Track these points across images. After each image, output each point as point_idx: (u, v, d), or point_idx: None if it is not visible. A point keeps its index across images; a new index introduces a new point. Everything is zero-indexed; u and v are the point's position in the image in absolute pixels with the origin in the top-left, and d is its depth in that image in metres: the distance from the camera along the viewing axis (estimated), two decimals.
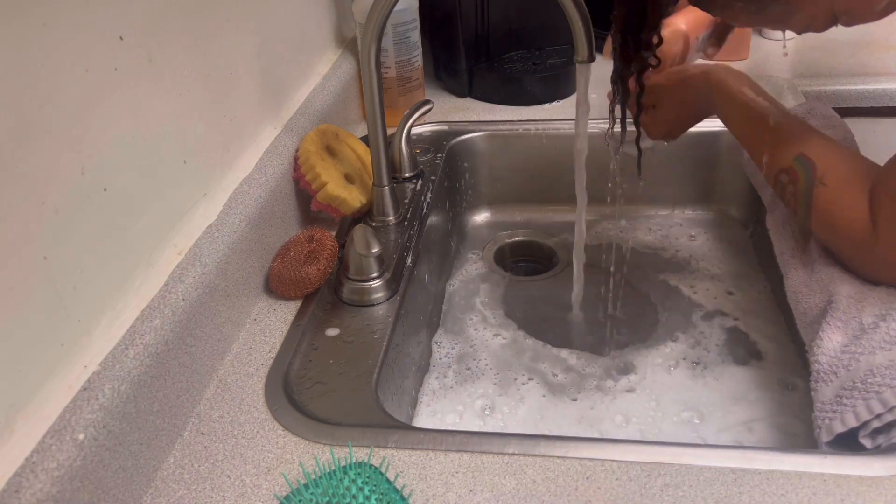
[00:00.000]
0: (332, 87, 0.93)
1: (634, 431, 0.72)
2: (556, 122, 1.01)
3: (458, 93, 1.11)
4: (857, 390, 0.55)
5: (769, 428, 0.70)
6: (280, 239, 0.76)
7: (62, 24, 0.48)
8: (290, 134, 0.81)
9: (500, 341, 0.83)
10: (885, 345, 0.56)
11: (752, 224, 0.97)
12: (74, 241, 0.50)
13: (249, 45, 0.75)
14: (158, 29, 0.59)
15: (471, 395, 0.77)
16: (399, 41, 0.99)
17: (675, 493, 0.50)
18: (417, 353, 0.78)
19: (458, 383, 0.78)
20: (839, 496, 0.49)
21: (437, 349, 0.82)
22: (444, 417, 0.75)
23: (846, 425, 0.54)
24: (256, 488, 0.53)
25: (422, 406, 0.75)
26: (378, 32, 0.70)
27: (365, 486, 0.51)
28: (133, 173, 0.56)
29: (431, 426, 0.74)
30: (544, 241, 1.01)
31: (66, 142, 0.49)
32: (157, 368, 0.54)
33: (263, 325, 0.69)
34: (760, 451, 0.53)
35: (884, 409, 0.53)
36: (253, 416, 0.59)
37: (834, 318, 0.60)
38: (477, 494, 0.51)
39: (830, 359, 0.58)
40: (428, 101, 0.90)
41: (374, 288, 0.71)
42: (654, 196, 1.02)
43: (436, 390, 0.77)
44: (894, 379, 0.54)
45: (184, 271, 0.60)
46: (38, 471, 0.44)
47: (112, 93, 0.53)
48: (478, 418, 0.75)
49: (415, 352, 0.77)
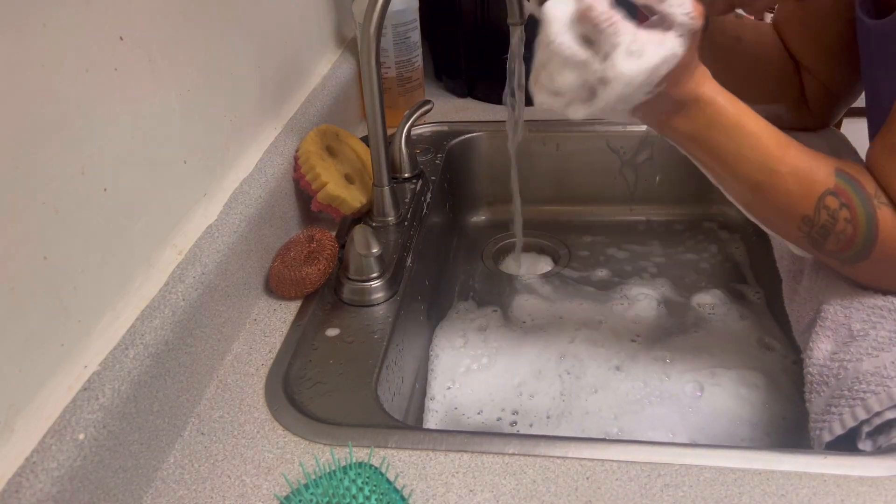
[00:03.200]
0: (332, 87, 0.93)
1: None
2: (556, 121, 1.01)
3: (458, 93, 1.11)
4: (844, 398, 0.55)
5: (731, 381, 0.75)
6: (280, 239, 0.76)
7: (62, 24, 0.48)
8: (290, 134, 0.81)
9: (501, 341, 0.83)
10: (872, 351, 0.55)
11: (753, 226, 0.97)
12: (74, 241, 0.50)
13: (249, 45, 0.75)
14: (158, 29, 0.59)
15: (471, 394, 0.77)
16: (399, 41, 0.99)
17: (675, 493, 0.50)
18: (417, 353, 0.78)
19: (458, 383, 0.79)
20: (839, 496, 0.49)
21: (438, 349, 0.82)
22: (444, 417, 0.75)
23: (833, 434, 0.54)
24: (256, 488, 0.53)
25: (422, 406, 0.75)
26: (377, 32, 0.70)
27: (365, 486, 0.51)
28: (133, 173, 0.56)
29: (432, 426, 0.74)
30: (544, 240, 1.02)
31: (66, 142, 0.49)
32: (157, 368, 0.54)
33: (263, 326, 0.69)
34: (760, 452, 0.53)
35: (868, 416, 0.53)
36: (253, 416, 0.59)
37: (823, 326, 0.60)
38: (477, 494, 0.51)
39: (821, 368, 0.58)
40: (428, 102, 0.90)
41: (374, 288, 0.71)
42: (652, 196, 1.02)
43: (436, 390, 0.77)
44: (879, 385, 0.53)
45: (184, 271, 0.60)
46: (38, 471, 0.44)
47: (112, 93, 0.53)
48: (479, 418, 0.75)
49: (415, 352, 0.77)
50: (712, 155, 0.57)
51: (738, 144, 0.56)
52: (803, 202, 0.56)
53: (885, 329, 0.56)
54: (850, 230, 0.55)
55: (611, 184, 1.03)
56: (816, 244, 0.58)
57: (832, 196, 0.55)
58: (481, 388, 0.78)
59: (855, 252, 0.56)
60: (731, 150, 0.56)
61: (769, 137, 0.56)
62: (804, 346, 0.62)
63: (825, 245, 0.57)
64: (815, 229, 0.56)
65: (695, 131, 0.56)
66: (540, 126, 1.00)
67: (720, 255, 0.96)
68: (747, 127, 0.56)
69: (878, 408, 0.53)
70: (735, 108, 0.56)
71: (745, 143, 0.56)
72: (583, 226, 1.03)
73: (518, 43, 0.75)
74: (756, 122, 0.56)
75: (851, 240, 0.56)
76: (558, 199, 1.04)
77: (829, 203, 0.55)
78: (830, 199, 0.55)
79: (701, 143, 0.57)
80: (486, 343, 0.83)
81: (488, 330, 0.85)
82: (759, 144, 0.56)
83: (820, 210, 0.56)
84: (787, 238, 0.60)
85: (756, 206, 0.59)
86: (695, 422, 0.73)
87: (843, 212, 0.55)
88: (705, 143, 0.56)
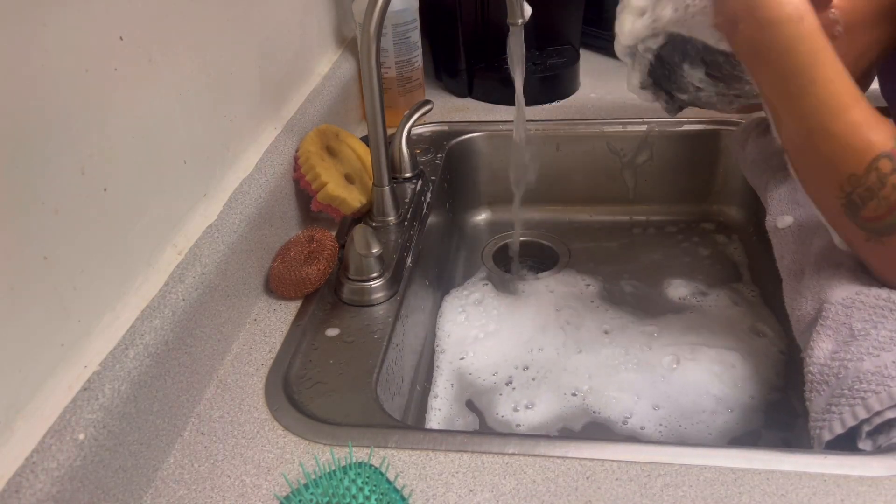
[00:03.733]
0: (332, 87, 0.93)
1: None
2: (555, 122, 1.01)
3: (458, 93, 1.11)
4: (844, 397, 0.55)
5: (709, 358, 0.78)
6: (280, 239, 0.76)
7: (62, 24, 0.48)
8: (290, 134, 0.81)
9: (500, 341, 0.83)
10: (873, 350, 0.55)
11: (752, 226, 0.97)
12: (74, 241, 0.50)
13: (249, 45, 0.75)
14: (158, 29, 0.59)
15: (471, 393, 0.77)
16: (399, 41, 0.99)
17: (675, 493, 0.50)
18: (417, 353, 0.78)
19: (458, 383, 0.79)
20: (839, 496, 0.49)
21: (438, 349, 0.82)
22: (445, 417, 0.75)
23: (833, 433, 0.54)
24: (256, 488, 0.53)
25: (422, 406, 0.75)
26: (377, 32, 0.70)
27: (365, 486, 0.51)
28: (133, 173, 0.56)
29: (433, 426, 0.74)
30: (545, 240, 1.02)
31: (66, 142, 0.49)
32: (157, 368, 0.54)
33: (263, 326, 0.69)
34: (760, 451, 0.53)
35: (868, 415, 0.53)
36: (253, 416, 0.59)
37: (824, 325, 0.60)
38: (477, 494, 0.51)
39: (821, 367, 0.58)
40: (428, 102, 0.90)
41: (374, 288, 0.71)
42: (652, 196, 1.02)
43: (436, 390, 0.77)
44: (880, 385, 0.53)
45: (184, 271, 0.60)
46: (38, 471, 0.44)
47: (112, 93, 0.53)
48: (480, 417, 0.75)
49: (415, 352, 0.77)
50: (780, 84, 0.56)
51: (809, 80, 0.55)
52: (856, 158, 0.55)
53: (887, 328, 0.56)
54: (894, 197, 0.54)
55: (610, 184, 1.03)
56: (853, 208, 0.56)
57: (887, 159, 0.54)
58: (493, 352, 0.81)
59: (891, 222, 0.55)
60: (800, 84, 0.55)
61: (842, 83, 0.55)
62: (805, 345, 0.62)
63: (863, 210, 0.55)
64: (859, 190, 0.55)
65: (770, 46, 0.55)
66: (540, 126, 1.00)
67: (719, 255, 0.96)
68: (824, 64, 0.55)
69: (879, 407, 0.53)
70: (818, 43, 0.55)
71: (817, 79, 0.55)
72: (583, 226, 1.03)
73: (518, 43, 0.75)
74: (834, 63, 0.55)
75: (893, 207, 0.54)
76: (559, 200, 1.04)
77: (883, 166, 0.54)
78: (885, 161, 0.54)
79: (774, 67, 0.56)
80: (487, 313, 0.85)
81: (485, 302, 0.88)
82: (831, 87, 0.55)
83: (871, 170, 0.54)
84: (823, 199, 0.58)
85: (804, 154, 0.58)
86: (662, 390, 0.76)
87: (893, 177, 0.53)
88: (778, 67, 0.55)
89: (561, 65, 1.09)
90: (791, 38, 0.55)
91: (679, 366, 0.78)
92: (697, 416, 0.73)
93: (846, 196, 0.56)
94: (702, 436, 0.72)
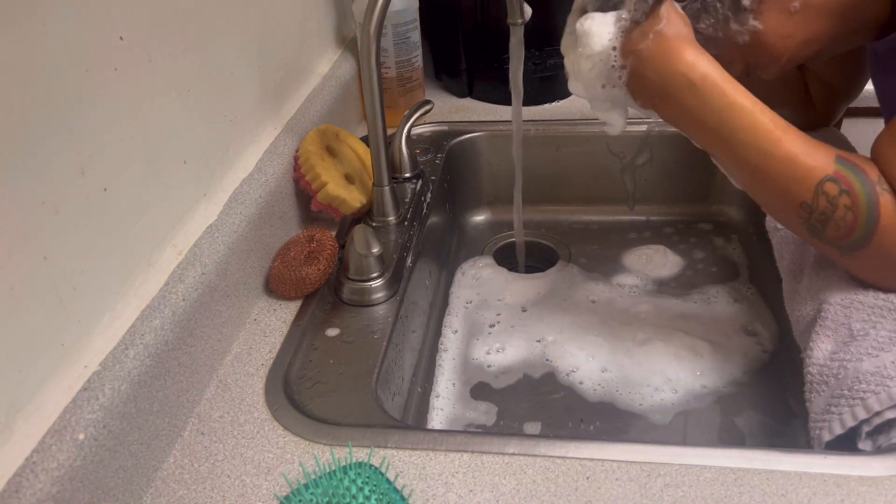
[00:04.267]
0: (332, 87, 0.93)
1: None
2: (556, 122, 1.01)
3: (458, 93, 1.11)
4: (843, 398, 0.55)
5: (678, 343, 0.80)
6: (280, 239, 0.76)
7: (62, 24, 0.48)
8: (290, 134, 0.81)
9: (501, 341, 0.83)
10: (872, 351, 0.55)
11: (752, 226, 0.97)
12: (74, 241, 0.50)
13: (249, 45, 0.75)
14: (158, 29, 0.59)
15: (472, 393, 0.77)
16: (399, 41, 0.99)
17: (675, 493, 0.50)
18: (417, 353, 0.78)
19: (458, 382, 0.79)
20: (839, 496, 0.49)
21: (438, 348, 0.83)
22: (445, 417, 0.75)
23: (832, 433, 0.54)
24: (256, 488, 0.53)
25: (423, 406, 0.75)
26: (377, 32, 0.70)
27: (365, 486, 0.51)
28: (133, 173, 0.56)
29: (433, 426, 0.74)
30: (544, 240, 1.02)
31: (66, 142, 0.49)
32: (157, 368, 0.54)
33: (263, 325, 0.69)
34: (760, 451, 0.53)
35: (868, 415, 0.53)
36: (253, 416, 0.59)
37: (823, 326, 0.60)
38: (477, 494, 0.51)
39: (821, 368, 0.58)
40: (428, 102, 0.90)
41: (374, 288, 0.71)
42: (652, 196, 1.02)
43: (437, 390, 0.77)
44: (879, 385, 0.53)
45: (184, 271, 0.60)
46: (38, 471, 0.44)
47: (112, 93, 0.53)
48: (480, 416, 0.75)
49: (415, 351, 0.77)
50: (712, 137, 0.58)
51: (732, 128, 0.57)
52: (801, 188, 0.56)
53: (886, 329, 0.57)
54: (851, 217, 0.55)
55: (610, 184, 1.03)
56: (816, 232, 0.57)
57: (832, 182, 0.55)
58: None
59: (855, 240, 0.56)
60: (726, 133, 0.57)
61: (765, 122, 0.57)
62: (804, 345, 0.62)
63: (825, 232, 0.57)
64: (815, 216, 0.56)
65: (685, 112, 0.58)
66: (540, 126, 1.00)
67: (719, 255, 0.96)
68: (742, 109, 0.57)
69: (878, 407, 0.53)
70: (729, 90, 0.57)
71: (741, 126, 0.57)
72: (582, 226, 1.03)
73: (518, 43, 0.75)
74: (752, 104, 0.57)
75: (852, 227, 0.55)
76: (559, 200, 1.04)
77: (829, 189, 0.55)
78: (830, 185, 0.55)
79: (696, 125, 0.59)
80: (487, 342, 0.84)
81: (488, 329, 0.87)
82: (756, 128, 0.57)
83: (819, 196, 0.55)
84: (788, 226, 0.60)
85: (755, 191, 0.60)
86: (619, 359, 0.79)
87: (843, 198, 0.54)
88: (700, 125, 0.58)
89: (561, 65, 1.08)
90: (700, 99, 0.57)
91: (648, 344, 0.79)
92: (639, 388, 0.76)
93: (805, 222, 0.57)
94: (634, 405, 0.74)
